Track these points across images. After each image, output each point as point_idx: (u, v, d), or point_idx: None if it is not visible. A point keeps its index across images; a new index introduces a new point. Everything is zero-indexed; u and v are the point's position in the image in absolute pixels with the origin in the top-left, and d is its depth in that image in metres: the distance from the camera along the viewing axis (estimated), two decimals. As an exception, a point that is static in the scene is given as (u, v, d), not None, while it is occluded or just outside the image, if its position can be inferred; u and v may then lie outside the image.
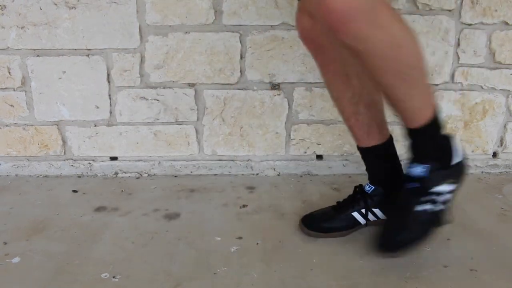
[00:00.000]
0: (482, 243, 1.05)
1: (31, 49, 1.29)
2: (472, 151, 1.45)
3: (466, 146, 1.44)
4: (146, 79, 1.34)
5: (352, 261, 0.98)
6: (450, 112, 1.40)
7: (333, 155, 1.44)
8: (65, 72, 1.32)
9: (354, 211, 1.08)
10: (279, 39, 1.31)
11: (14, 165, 1.41)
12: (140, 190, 1.33)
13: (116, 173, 1.43)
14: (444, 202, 0.96)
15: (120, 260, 0.97)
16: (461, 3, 1.29)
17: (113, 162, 1.42)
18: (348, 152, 1.43)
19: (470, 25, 1.32)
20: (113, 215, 1.15)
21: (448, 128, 1.42)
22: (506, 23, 1.32)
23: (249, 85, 1.35)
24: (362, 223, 1.08)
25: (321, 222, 1.08)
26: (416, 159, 0.96)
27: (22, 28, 1.27)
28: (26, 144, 1.39)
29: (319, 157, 1.44)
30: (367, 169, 1.11)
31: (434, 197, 0.95)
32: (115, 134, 1.39)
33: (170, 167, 1.43)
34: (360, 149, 1.08)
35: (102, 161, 1.42)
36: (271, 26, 1.30)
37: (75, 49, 1.30)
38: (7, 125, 1.37)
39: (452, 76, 1.37)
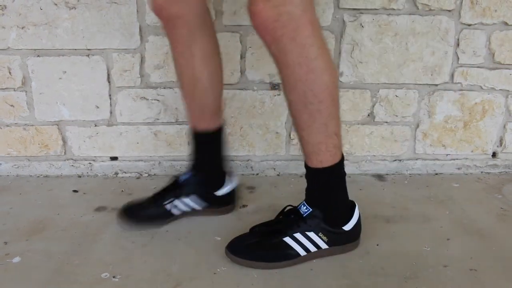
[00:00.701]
0: (482, 243, 1.05)
1: (31, 49, 1.30)
2: (472, 151, 1.45)
3: (465, 146, 1.44)
4: (146, 79, 1.34)
5: (352, 261, 0.98)
6: (450, 112, 1.41)
7: (333, 155, 1.44)
8: (65, 72, 1.32)
9: (165, 202, 1.09)
10: (279, 39, 1.31)
11: (15, 165, 1.41)
12: (140, 190, 1.33)
13: (116, 173, 1.43)
14: (307, 250, 0.96)
15: (120, 260, 0.98)
16: (461, 3, 1.29)
17: (113, 162, 1.42)
18: (348, 152, 1.43)
19: (469, 25, 1.32)
20: (113, 215, 1.15)
21: (448, 128, 1.42)
22: (506, 24, 1.32)
23: (249, 85, 1.36)
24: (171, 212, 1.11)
25: (134, 212, 1.10)
26: (307, 199, 0.98)
27: (22, 28, 1.27)
28: (27, 144, 1.39)
29: (319, 157, 1.44)
30: (190, 154, 1.13)
31: (307, 242, 0.95)
32: (115, 134, 1.39)
33: (170, 167, 1.43)
34: (190, 131, 1.10)
35: (102, 161, 1.42)
36: (271, 26, 1.30)
37: (75, 49, 1.30)
38: (7, 125, 1.37)
39: (452, 76, 1.37)
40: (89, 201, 1.26)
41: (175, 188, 1.11)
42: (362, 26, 1.30)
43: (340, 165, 0.95)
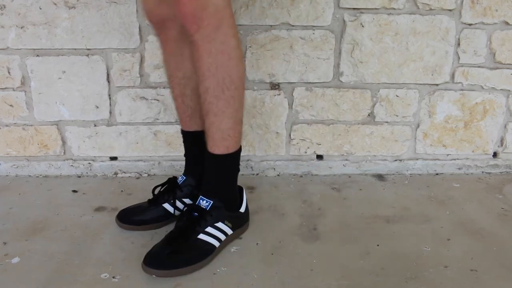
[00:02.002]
0: (482, 243, 1.05)
1: (30, 49, 1.29)
2: (473, 151, 1.45)
3: (466, 146, 1.44)
4: (146, 79, 1.34)
5: (352, 261, 0.98)
6: (450, 112, 1.40)
7: (333, 155, 1.44)
8: (64, 72, 1.32)
9: (164, 203, 1.10)
10: (279, 39, 1.31)
11: (14, 165, 1.41)
12: (140, 190, 1.33)
13: (116, 173, 1.43)
14: (219, 240, 0.98)
15: (120, 260, 0.97)
16: (462, 2, 1.29)
17: (113, 162, 1.42)
18: (348, 152, 1.43)
19: (470, 25, 1.32)
20: (113, 215, 1.14)
21: (448, 128, 1.42)
22: (507, 23, 1.31)
23: (249, 85, 1.35)
24: (173, 213, 1.10)
25: (133, 215, 1.10)
26: (204, 192, 1.00)
27: (21, 28, 1.27)
28: (26, 144, 1.39)
29: (319, 157, 1.44)
30: (185, 155, 1.14)
31: (218, 233, 0.98)
32: (115, 134, 1.39)
33: (170, 167, 1.43)
34: (182, 132, 1.12)
35: (102, 161, 1.42)
36: (271, 26, 1.30)
37: (75, 49, 1.30)
38: (6, 125, 1.37)
39: (452, 76, 1.37)
40: (88, 201, 1.25)
41: (174, 189, 1.11)
42: (363, 26, 1.30)
43: (240, 149, 1.00)
